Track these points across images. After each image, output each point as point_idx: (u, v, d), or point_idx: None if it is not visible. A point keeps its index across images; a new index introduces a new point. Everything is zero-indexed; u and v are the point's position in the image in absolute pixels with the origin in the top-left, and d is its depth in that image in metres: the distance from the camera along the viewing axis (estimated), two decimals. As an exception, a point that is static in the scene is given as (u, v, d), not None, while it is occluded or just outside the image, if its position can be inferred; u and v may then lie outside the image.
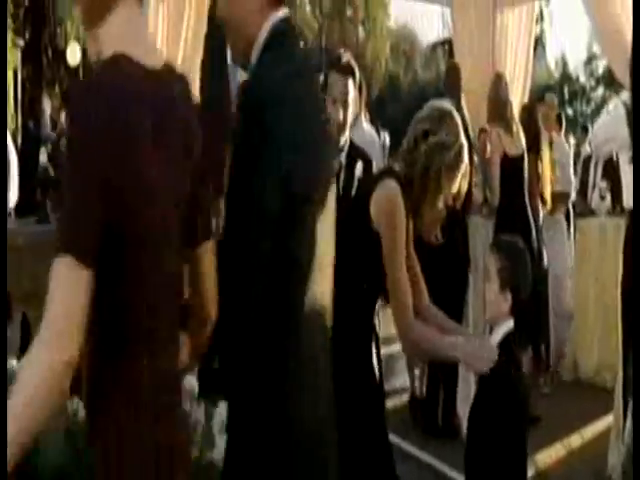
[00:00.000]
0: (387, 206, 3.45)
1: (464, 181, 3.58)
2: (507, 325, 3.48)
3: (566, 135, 11.39)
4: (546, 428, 6.20)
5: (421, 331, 3.49)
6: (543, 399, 7.21)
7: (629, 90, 4.37)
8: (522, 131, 7.39)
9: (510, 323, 3.48)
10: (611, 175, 9.19)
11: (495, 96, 7.46)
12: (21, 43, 17.10)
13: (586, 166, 10.20)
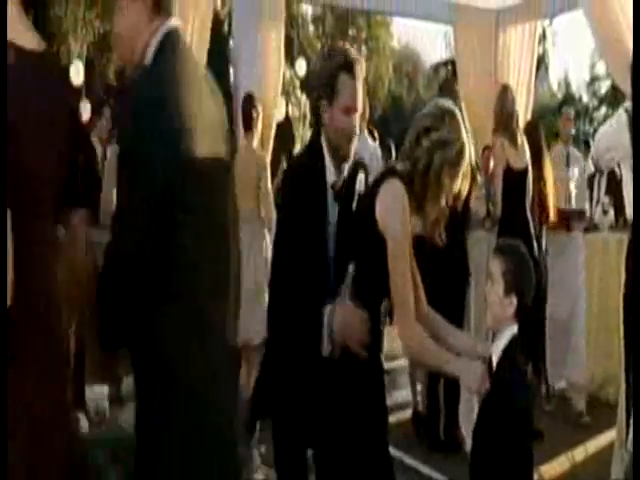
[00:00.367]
0: (392, 205, 3.46)
1: (465, 181, 3.57)
2: (511, 330, 3.45)
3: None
4: (548, 442, 6.18)
5: (422, 339, 3.49)
6: (544, 414, 7.21)
7: (630, 98, 4.37)
8: (527, 144, 7.39)
9: (514, 328, 3.46)
10: (614, 190, 9.21)
11: (501, 107, 7.45)
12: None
13: (589, 183, 10.21)
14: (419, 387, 7.36)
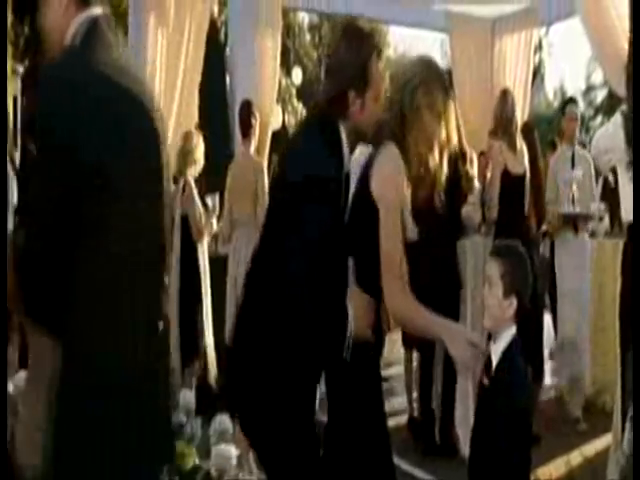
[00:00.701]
0: (388, 171, 3.49)
1: (452, 126, 3.61)
2: (510, 331, 3.45)
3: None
4: (545, 447, 6.18)
5: (411, 301, 3.47)
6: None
7: (625, 100, 4.39)
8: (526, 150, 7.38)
9: (513, 329, 3.45)
10: (608, 197, 9.19)
11: (501, 111, 7.42)
12: (21, 70, 17.14)
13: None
14: (415, 394, 7.36)
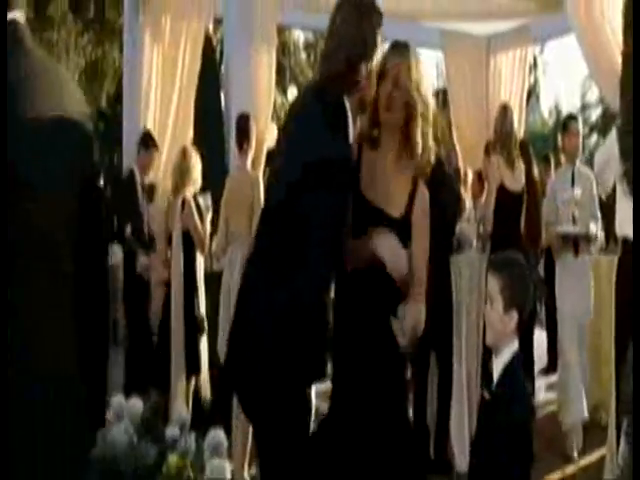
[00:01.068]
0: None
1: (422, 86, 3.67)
2: (512, 347, 3.45)
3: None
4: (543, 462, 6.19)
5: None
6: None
7: (620, 115, 4.39)
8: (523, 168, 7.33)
9: (515, 344, 3.45)
10: (604, 212, 9.17)
11: (500, 126, 7.38)
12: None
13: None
14: (410, 411, 7.31)
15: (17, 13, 2.70)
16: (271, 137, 8.73)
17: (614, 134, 5.24)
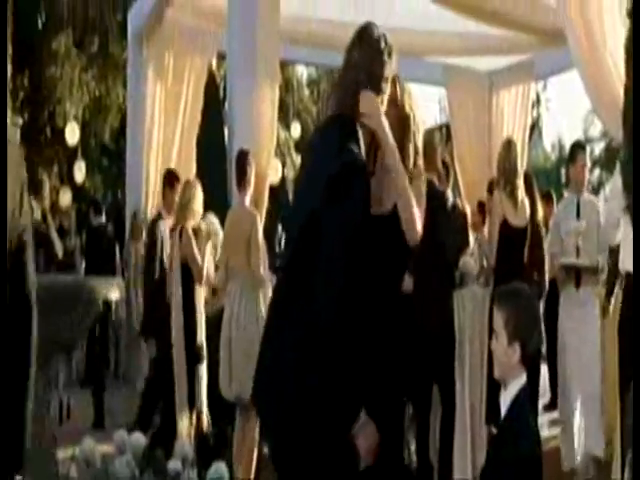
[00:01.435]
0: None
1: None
2: (520, 380, 3.41)
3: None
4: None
5: None
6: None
7: (623, 147, 4.40)
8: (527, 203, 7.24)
9: (523, 378, 3.42)
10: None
11: (504, 161, 7.28)
12: (20, 122, 17.21)
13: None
14: (413, 446, 7.27)
15: None
16: (275, 173, 8.73)
17: (617, 168, 5.23)
